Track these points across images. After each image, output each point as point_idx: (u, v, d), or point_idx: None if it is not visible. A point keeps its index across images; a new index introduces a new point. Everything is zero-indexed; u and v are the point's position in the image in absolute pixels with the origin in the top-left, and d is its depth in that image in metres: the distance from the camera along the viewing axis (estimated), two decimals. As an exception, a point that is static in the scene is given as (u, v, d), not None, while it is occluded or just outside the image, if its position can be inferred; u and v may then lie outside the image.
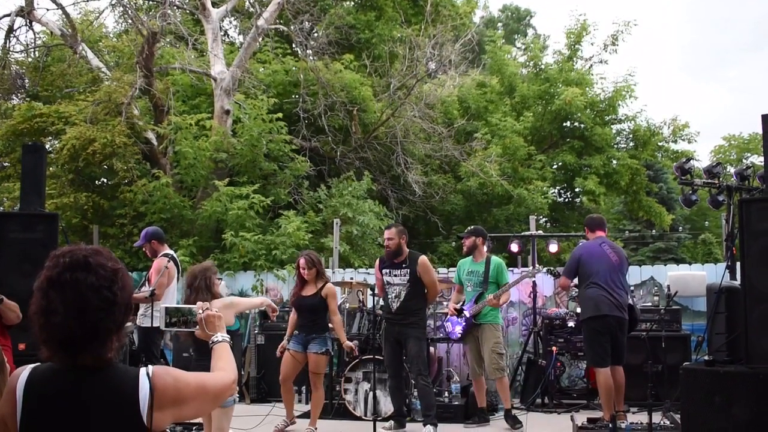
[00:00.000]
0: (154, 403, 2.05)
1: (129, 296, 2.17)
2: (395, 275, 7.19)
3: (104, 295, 2.06)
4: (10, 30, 14.47)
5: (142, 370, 2.10)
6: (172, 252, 7.71)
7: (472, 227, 8.27)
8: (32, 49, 15.41)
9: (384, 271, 7.27)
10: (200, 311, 2.68)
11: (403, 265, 7.15)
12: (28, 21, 14.53)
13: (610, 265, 7.08)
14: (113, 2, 15.16)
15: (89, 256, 2.10)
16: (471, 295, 7.61)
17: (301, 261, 7.17)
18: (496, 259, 7.77)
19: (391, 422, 7.25)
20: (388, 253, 7.31)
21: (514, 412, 7.65)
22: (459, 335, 7.69)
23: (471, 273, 7.72)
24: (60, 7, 14.07)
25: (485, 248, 7.92)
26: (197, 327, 2.68)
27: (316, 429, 7.22)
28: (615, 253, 7.25)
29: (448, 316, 7.85)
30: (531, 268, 7.52)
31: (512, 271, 9.26)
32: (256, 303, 6.43)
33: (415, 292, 7.12)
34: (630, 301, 7.33)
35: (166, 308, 2.74)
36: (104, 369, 2.10)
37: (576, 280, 7.44)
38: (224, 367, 2.45)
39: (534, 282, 9.11)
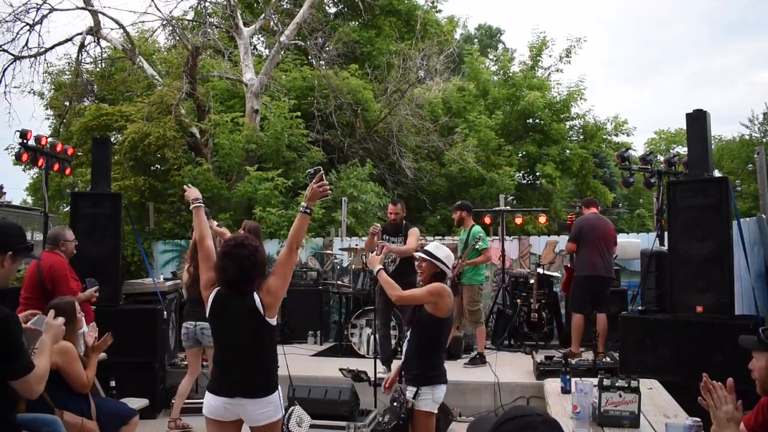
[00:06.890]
0: (264, 304, 3.29)
1: (264, 258, 3.33)
2: (393, 242, 6.90)
3: (252, 259, 3.27)
4: (82, 46, 14.33)
5: (255, 293, 3.30)
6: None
7: (458, 202, 7.95)
8: (99, 61, 15.26)
9: (384, 237, 6.91)
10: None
11: (400, 234, 6.92)
12: (96, 38, 14.37)
13: (602, 235, 7.15)
14: (164, 23, 14.97)
15: (244, 239, 3.34)
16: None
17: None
18: (475, 228, 7.42)
19: (383, 368, 6.62)
20: (391, 223, 7.04)
21: (485, 352, 7.61)
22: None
23: (460, 241, 7.54)
24: (121, 26, 13.90)
25: (471, 219, 7.59)
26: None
27: None
28: (606, 225, 7.31)
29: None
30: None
31: (492, 238, 9.12)
32: None
33: (408, 257, 6.81)
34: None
35: None
36: (249, 294, 3.28)
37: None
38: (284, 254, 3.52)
39: (503, 247, 9.11)
